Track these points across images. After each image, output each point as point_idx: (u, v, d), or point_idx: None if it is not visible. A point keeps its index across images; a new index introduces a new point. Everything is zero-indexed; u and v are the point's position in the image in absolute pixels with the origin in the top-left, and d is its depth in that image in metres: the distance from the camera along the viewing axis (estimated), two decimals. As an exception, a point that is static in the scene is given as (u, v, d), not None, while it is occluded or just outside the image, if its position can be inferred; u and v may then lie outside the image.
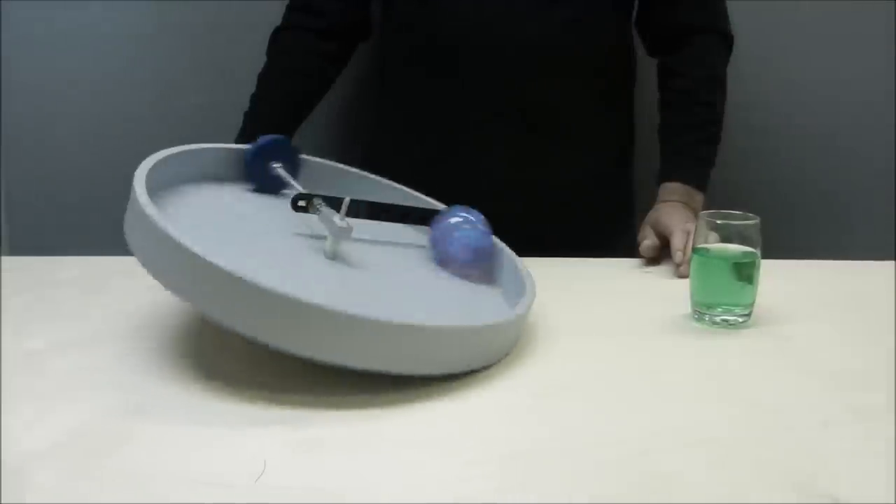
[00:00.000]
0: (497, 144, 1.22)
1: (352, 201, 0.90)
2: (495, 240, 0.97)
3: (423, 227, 0.98)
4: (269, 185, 0.99)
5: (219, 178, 0.97)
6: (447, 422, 0.68)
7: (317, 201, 0.91)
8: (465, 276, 0.92)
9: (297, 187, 0.95)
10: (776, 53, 1.51)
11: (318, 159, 1.05)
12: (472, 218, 0.94)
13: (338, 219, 0.86)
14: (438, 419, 0.69)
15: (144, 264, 0.74)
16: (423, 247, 0.97)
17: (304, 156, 1.03)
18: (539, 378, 0.77)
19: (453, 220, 0.94)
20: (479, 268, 0.94)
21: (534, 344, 0.84)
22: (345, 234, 0.86)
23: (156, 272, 0.73)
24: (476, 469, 0.61)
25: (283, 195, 0.99)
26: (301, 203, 0.91)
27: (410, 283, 0.89)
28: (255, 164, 0.98)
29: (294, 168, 1.01)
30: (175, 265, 0.71)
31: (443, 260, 0.93)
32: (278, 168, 0.98)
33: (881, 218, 1.55)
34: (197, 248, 0.68)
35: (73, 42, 1.49)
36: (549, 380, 0.76)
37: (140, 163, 0.83)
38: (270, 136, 1.00)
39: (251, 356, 0.80)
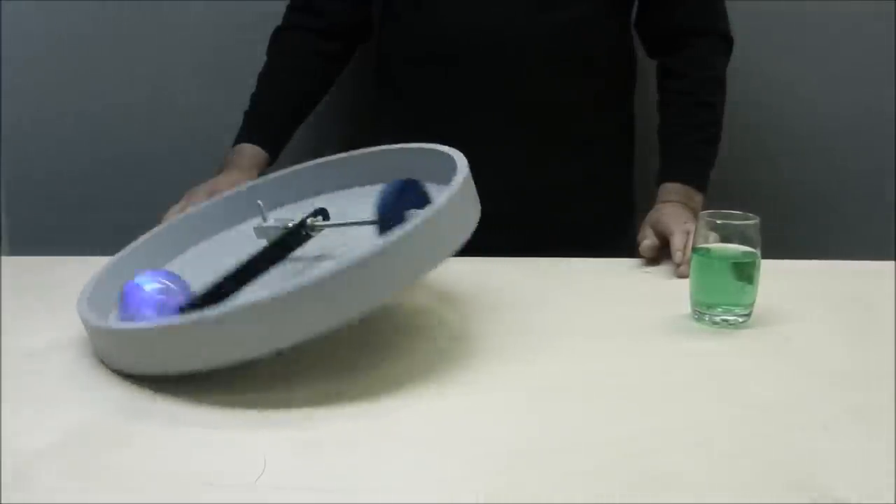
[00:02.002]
0: (497, 144, 1.22)
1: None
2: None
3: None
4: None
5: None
6: (447, 422, 0.68)
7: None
8: None
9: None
10: (776, 53, 1.51)
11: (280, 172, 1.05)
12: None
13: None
14: (438, 419, 0.69)
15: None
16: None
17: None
18: (539, 378, 0.77)
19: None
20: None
21: (533, 344, 0.84)
22: (270, 234, 0.89)
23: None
24: (476, 469, 0.61)
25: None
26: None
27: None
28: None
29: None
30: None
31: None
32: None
33: (881, 218, 1.55)
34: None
35: (73, 42, 1.49)
36: (548, 380, 0.76)
37: (140, 163, 0.83)
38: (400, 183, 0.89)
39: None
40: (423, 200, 0.87)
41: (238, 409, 0.69)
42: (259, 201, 0.96)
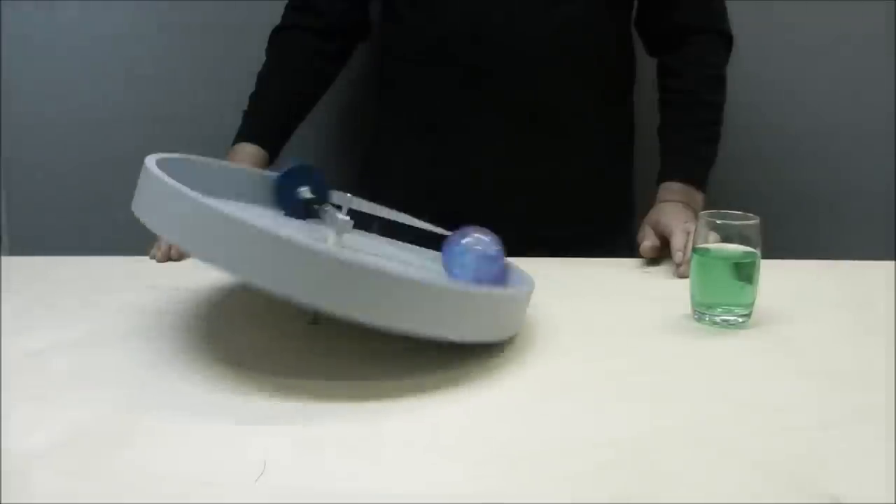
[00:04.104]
0: (497, 144, 1.22)
1: (364, 220, 0.91)
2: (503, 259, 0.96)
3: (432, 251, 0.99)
4: (298, 210, 0.99)
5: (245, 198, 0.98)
6: (447, 421, 0.68)
7: (326, 207, 0.92)
8: None
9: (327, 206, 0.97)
10: (776, 53, 1.51)
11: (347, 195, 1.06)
12: (484, 239, 0.91)
13: (340, 214, 0.89)
14: (438, 419, 0.69)
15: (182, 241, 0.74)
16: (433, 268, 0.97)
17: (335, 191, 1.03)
18: (539, 378, 0.77)
19: (464, 241, 0.92)
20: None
21: (534, 344, 0.84)
22: (346, 227, 0.88)
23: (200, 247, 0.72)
24: (476, 469, 0.61)
25: (312, 221, 0.99)
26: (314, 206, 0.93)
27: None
28: (284, 190, 0.99)
29: (323, 195, 1.00)
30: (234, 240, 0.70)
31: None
32: (305, 192, 0.99)
33: (881, 218, 1.55)
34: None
35: (73, 42, 1.49)
36: (549, 380, 0.76)
37: (140, 163, 0.83)
38: (298, 164, 1.00)
39: (251, 357, 0.80)
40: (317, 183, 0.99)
41: (238, 409, 0.69)
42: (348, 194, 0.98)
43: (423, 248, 1.02)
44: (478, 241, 0.91)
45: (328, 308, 0.68)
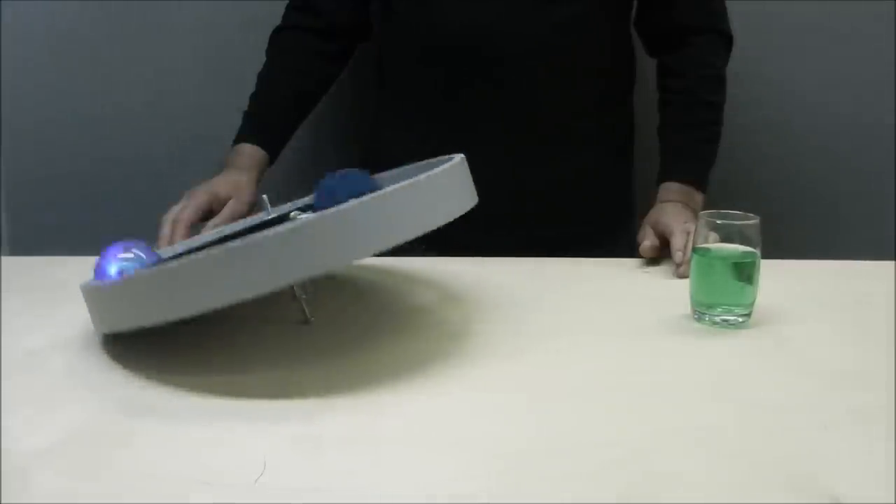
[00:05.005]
0: (497, 144, 1.22)
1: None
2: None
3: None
4: None
5: None
6: (447, 421, 0.68)
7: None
8: None
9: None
10: (776, 53, 1.51)
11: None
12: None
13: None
14: (438, 418, 0.69)
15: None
16: None
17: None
18: (538, 378, 0.77)
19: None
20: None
21: (533, 344, 0.84)
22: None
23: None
24: (476, 469, 0.61)
25: None
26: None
27: None
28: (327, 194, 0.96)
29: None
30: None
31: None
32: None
33: (881, 218, 1.55)
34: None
35: (73, 42, 1.49)
36: (548, 379, 0.76)
37: (139, 163, 0.84)
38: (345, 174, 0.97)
39: (251, 357, 0.80)
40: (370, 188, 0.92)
41: (238, 409, 0.69)
42: (264, 196, 0.96)
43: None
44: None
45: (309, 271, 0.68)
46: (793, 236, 1.46)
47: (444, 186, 0.80)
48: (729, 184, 1.39)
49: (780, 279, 0.95)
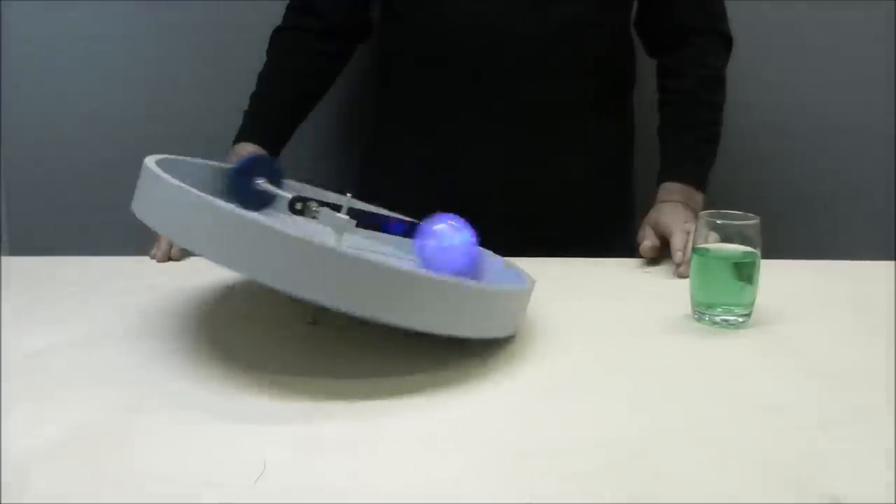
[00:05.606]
0: (496, 144, 1.22)
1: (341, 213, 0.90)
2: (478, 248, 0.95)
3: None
4: (252, 202, 0.98)
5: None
6: (447, 421, 0.68)
7: (312, 205, 0.91)
8: None
9: (286, 195, 0.95)
10: (775, 53, 1.51)
11: (301, 184, 1.05)
12: (447, 228, 0.91)
13: (340, 214, 0.89)
14: (438, 419, 0.69)
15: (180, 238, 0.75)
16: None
17: (289, 181, 1.03)
18: (539, 378, 0.77)
19: (436, 227, 0.92)
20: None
21: (533, 344, 0.84)
22: (348, 226, 0.88)
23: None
24: (476, 469, 0.61)
25: (268, 212, 0.99)
26: (297, 206, 0.92)
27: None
28: (241, 182, 0.98)
29: (278, 185, 1.00)
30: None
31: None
32: (263, 183, 0.98)
33: (881, 218, 1.55)
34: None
35: (73, 42, 1.49)
36: (548, 379, 0.76)
37: (139, 163, 0.83)
38: (253, 155, 1.01)
39: (251, 357, 0.80)
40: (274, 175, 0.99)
41: (238, 409, 0.69)
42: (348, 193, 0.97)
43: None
44: (439, 232, 0.91)
45: (331, 303, 0.68)
46: (793, 236, 1.46)
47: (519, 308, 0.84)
48: (729, 184, 1.39)
49: (780, 279, 0.95)
